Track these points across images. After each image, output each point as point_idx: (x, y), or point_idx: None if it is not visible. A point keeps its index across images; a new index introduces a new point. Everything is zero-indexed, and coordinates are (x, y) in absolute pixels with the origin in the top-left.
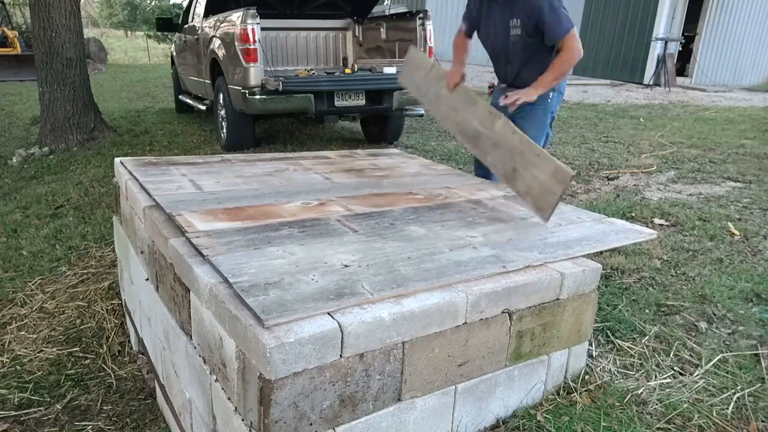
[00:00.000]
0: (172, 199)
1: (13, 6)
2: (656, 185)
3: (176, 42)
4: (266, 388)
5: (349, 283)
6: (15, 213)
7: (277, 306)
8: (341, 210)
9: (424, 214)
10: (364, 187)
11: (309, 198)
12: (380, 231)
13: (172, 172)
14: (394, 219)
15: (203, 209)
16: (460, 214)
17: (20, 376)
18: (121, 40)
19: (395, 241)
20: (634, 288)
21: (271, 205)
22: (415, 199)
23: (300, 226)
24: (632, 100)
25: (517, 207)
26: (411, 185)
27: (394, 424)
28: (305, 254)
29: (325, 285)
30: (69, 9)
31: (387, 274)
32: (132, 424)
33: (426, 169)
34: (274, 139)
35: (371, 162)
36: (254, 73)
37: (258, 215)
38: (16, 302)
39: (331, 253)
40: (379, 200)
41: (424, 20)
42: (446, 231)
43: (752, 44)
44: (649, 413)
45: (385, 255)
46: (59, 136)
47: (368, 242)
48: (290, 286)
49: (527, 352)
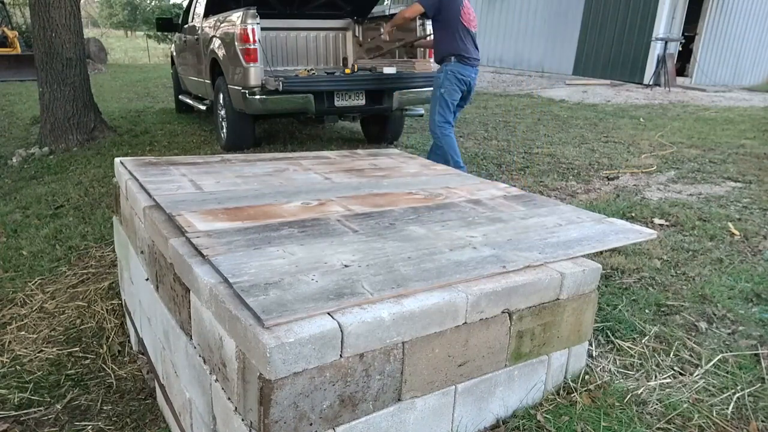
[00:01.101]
0: (172, 199)
1: (13, 6)
2: (656, 185)
3: (176, 42)
4: (266, 388)
5: (349, 283)
6: (15, 213)
7: (277, 306)
8: (341, 210)
9: (424, 214)
10: (364, 187)
11: (309, 198)
12: (380, 231)
13: (172, 172)
14: (394, 219)
15: (203, 209)
16: (460, 214)
17: (20, 376)
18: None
19: (395, 241)
20: (634, 288)
21: (271, 205)
22: (415, 199)
23: (300, 226)
24: (632, 100)
25: (517, 207)
26: (411, 185)
27: (394, 424)
28: (305, 254)
29: (325, 285)
30: (69, 9)
31: (387, 274)
32: (132, 424)
33: (426, 169)
34: (274, 139)
35: (371, 162)
36: (254, 73)
37: (258, 215)
38: (16, 302)
39: (331, 253)
40: (379, 200)
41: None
42: (446, 231)
43: (752, 44)
44: (649, 413)
45: (385, 255)
46: (59, 136)
47: (368, 242)
48: (290, 286)
49: (527, 352)
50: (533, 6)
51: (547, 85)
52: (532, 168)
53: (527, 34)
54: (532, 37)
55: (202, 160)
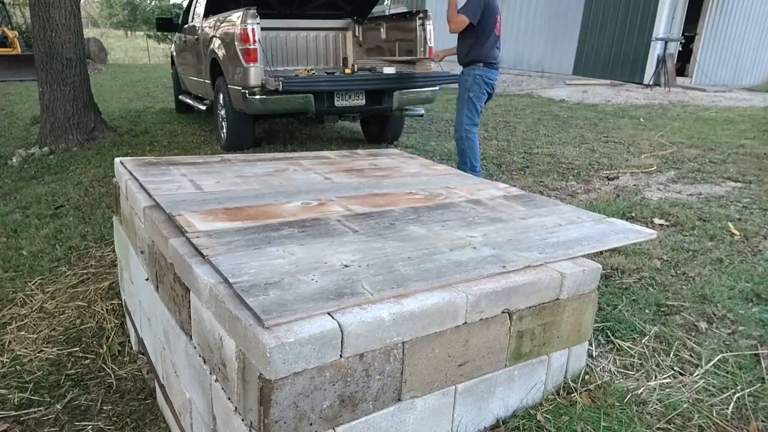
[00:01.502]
0: (172, 199)
1: (13, 6)
2: (656, 185)
3: (176, 42)
4: (266, 388)
5: (349, 283)
6: (15, 213)
7: (277, 306)
8: (341, 210)
9: (424, 214)
10: (364, 187)
11: (309, 198)
12: (380, 231)
13: (172, 172)
14: (394, 219)
15: (203, 209)
16: (460, 214)
17: (20, 376)
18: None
19: (395, 241)
20: (634, 288)
21: (271, 205)
22: (415, 199)
23: (300, 226)
24: (632, 100)
25: (517, 207)
26: (411, 185)
27: (394, 424)
28: (305, 254)
29: (325, 285)
30: (69, 9)
31: (387, 274)
32: (132, 424)
33: (426, 169)
34: (274, 139)
35: (371, 162)
36: (254, 73)
37: (258, 215)
38: (16, 302)
39: (331, 253)
40: (379, 200)
41: (424, 20)
42: (446, 231)
43: (752, 44)
44: (649, 413)
45: (385, 255)
46: (59, 136)
47: (368, 242)
48: (290, 286)
49: (527, 352)
50: (533, 6)
51: (547, 85)
52: (532, 168)
53: (527, 34)
54: (532, 37)
55: (202, 160)
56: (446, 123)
